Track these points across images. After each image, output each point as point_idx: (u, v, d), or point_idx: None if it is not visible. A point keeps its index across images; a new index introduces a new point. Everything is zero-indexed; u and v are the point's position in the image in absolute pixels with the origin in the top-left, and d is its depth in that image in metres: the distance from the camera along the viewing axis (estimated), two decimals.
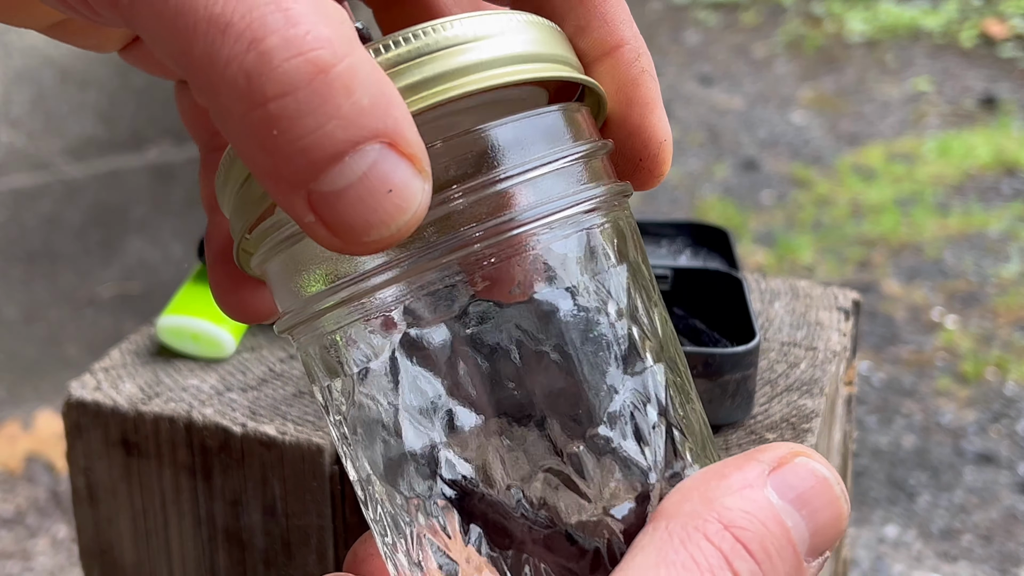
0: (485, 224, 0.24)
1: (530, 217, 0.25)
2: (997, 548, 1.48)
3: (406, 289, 0.25)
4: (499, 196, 0.24)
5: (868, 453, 1.68)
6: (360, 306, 0.25)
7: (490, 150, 0.25)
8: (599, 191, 0.26)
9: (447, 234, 0.24)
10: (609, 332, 0.26)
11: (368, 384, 0.26)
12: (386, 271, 0.24)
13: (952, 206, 2.44)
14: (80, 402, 0.48)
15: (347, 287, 0.25)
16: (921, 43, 3.45)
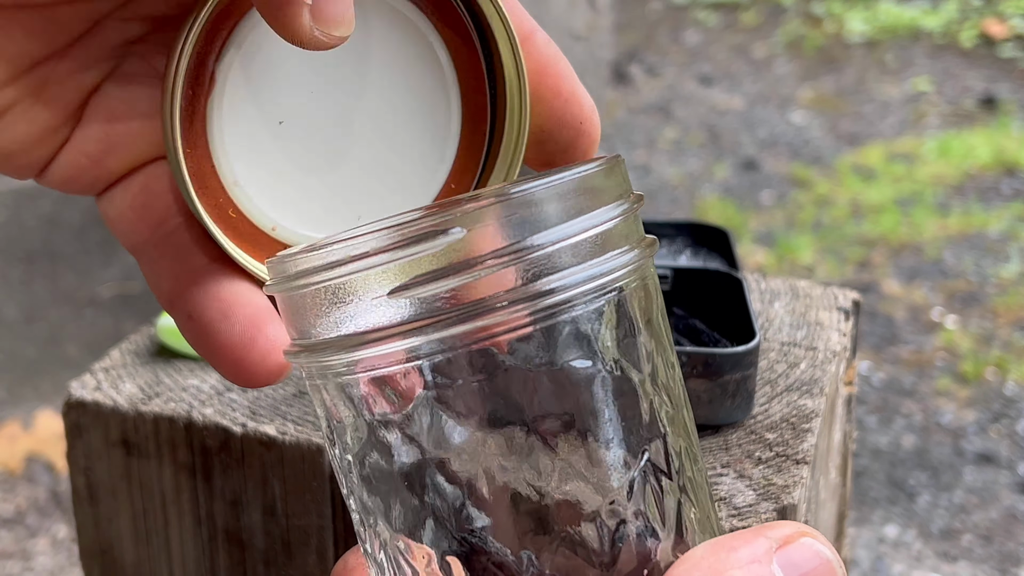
0: (517, 290, 0.24)
1: (564, 286, 0.25)
2: (997, 548, 1.48)
3: (437, 347, 0.25)
4: (534, 262, 0.25)
5: (868, 453, 1.68)
6: (385, 356, 0.25)
7: (525, 215, 0.25)
8: (632, 255, 0.26)
9: (480, 299, 0.24)
10: (629, 401, 0.26)
11: (388, 432, 0.26)
12: (417, 326, 0.25)
13: (952, 206, 2.44)
14: (80, 402, 0.48)
15: (375, 336, 0.25)
16: (921, 43, 3.45)
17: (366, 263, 0.25)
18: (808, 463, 0.43)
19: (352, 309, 0.25)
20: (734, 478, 0.42)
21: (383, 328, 0.25)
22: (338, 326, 0.26)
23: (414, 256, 0.24)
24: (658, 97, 3.13)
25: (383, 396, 0.26)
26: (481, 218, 0.24)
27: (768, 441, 0.44)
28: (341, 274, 0.25)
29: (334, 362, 0.26)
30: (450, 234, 0.24)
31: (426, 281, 0.24)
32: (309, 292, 0.26)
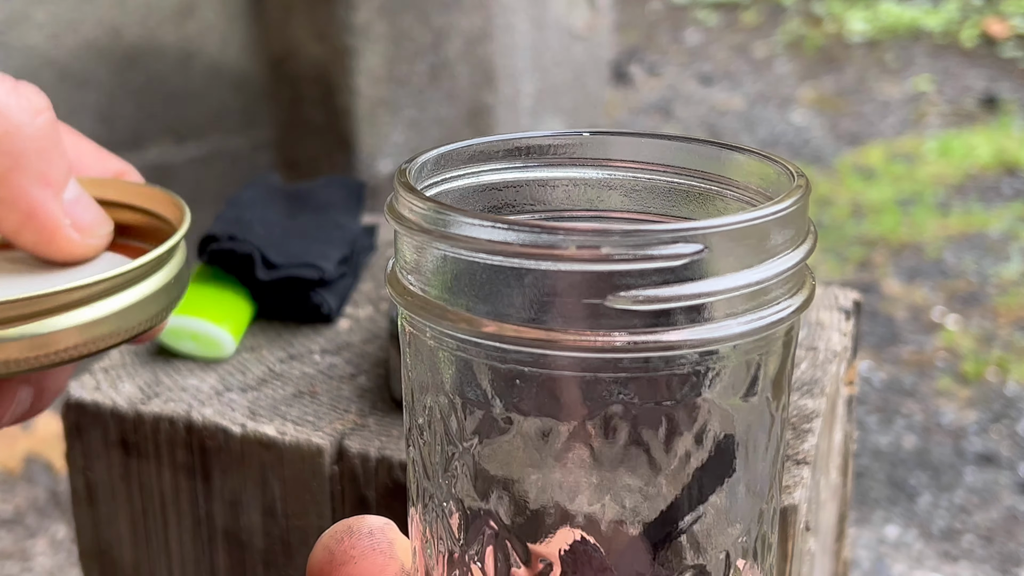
0: (674, 332, 0.23)
1: (729, 335, 0.24)
2: (998, 548, 1.48)
3: (638, 365, 0.24)
4: (702, 308, 0.23)
5: (869, 453, 1.68)
6: (581, 360, 0.24)
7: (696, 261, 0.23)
8: (792, 307, 0.25)
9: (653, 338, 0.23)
10: (762, 461, 0.26)
11: (518, 434, 0.25)
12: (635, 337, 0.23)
13: (953, 206, 2.44)
14: (79, 402, 0.47)
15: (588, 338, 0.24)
16: (922, 43, 3.45)
17: (593, 262, 0.23)
18: (809, 463, 0.43)
19: (547, 300, 0.23)
20: None
21: (599, 333, 0.23)
22: (524, 311, 0.23)
23: (647, 265, 0.23)
24: (658, 97, 3.13)
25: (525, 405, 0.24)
26: (722, 240, 0.23)
27: None
28: (554, 265, 0.23)
29: (504, 348, 0.24)
30: (692, 248, 0.23)
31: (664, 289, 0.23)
32: (507, 266, 0.23)
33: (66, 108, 1.71)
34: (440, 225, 0.24)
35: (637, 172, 0.30)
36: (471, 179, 0.29)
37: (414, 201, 0.25)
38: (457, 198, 0.29)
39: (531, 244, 0.23)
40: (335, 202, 0.59)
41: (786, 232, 0.25)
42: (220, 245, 0.52)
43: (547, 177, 0.30)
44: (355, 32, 1.68)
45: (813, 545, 0.47)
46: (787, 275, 0.24)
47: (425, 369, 0.26)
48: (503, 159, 0.30)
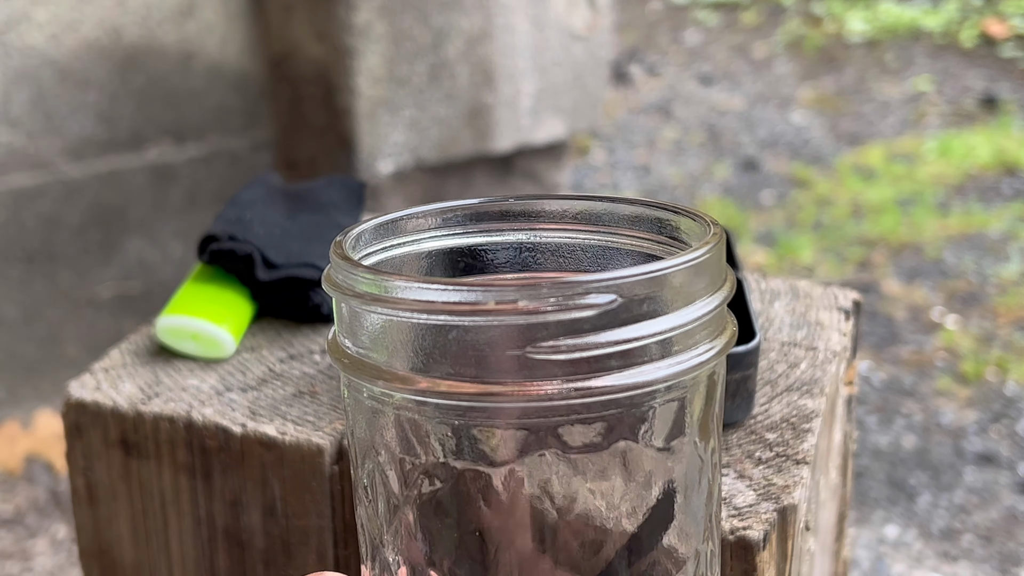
0: (601, 377, 0.24)
1: (654, 379, 0.25)
2: (997, 548, 1.48)
3: (562, 413, 0.25)
4: (624, 354, 0.25)
5: (868, 453, 1.68)
6: (508, 411, 0.25)
7: (625, 304, 0.24)
8: (713, 351, 0.26)
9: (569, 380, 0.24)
10: (696, 504, 0.27)
11: (457, 484, 0.26)
12: (554, 387, 0.24)
13: (952, 206, 2.44)
14: (80, 402, 0.47)
15: (511, 390, 0.25)
16: (921, 43, 3.45)
17: (511, 315, 0.24)
18: (808, 463, 0.43)
19: (475, 354, 0.24)
20: (734, 478, 0.42)
21: (522, 383, 0.24)
22: (454, 367, 0.24)
23: (563, 315, 0.24)
24: (658, 97, 3.13)
25: (473, 450, 0.25)
26: (634, 289, 0.24)
27: (768, 441, 0.44)
28: (476, 320, 0.24)
29: (438, 401, 0.25)
30: (606, 299, 0.24)
31: (580, 339, 0.24)
32: (421, 322, 0.25)
33: (66, 108, 1.71)
34: (372, 289, 0.25)
35: (563, 233, 0.31)
36: (405, 248, 0.31)
37: (347, 268, 0.26)
38: (391, 266, 0.30)
39: (455, 302, 0.24)
40: (335, 202, 0.59)
41: (701, 279, 0.26)
42: (220, 245, 0.52)
43: (478, 243, 0.31)
44: (355, 32, 1.68)
45: (813, 544, 0.47)
46: (704, 320, 0.25)
47: (365, 429, 0.27)
48: (434, 228, 0.31)
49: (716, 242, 0.26)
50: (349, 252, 0.28)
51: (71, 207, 1.72)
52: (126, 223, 1.79)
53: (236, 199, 0.58)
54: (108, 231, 1.78)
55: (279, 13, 1.82)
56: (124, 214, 1.79)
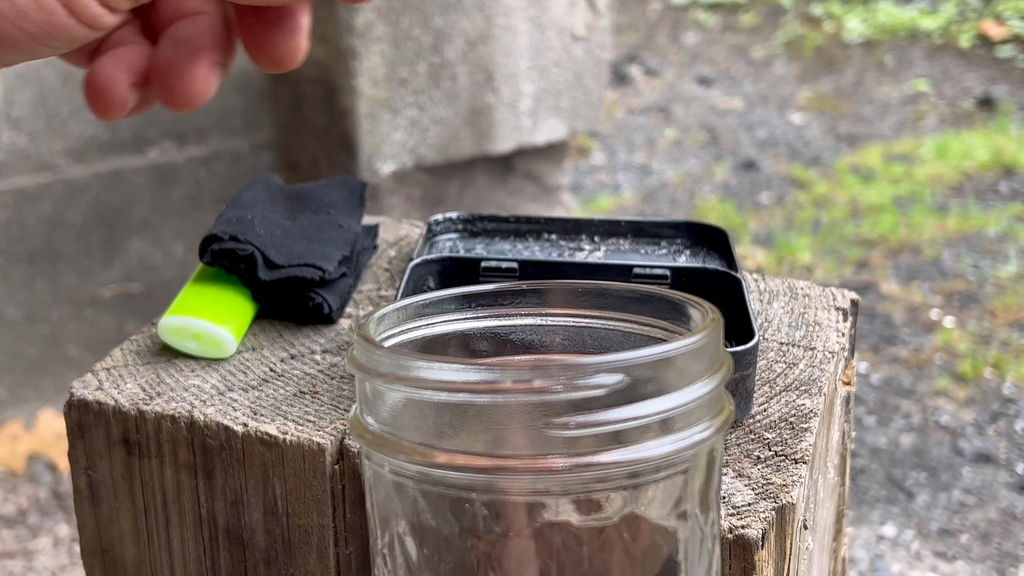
0: (603, 455, 0.26)
1: (657, 455, 0.27)
2: (995, 547, 1.48)
3: (568, 485, 0.26)
4: (629, 431, 0.26)
5: (866, 452, 1.68)
6: (519, 484, 0.26)
7: (632, 382, 0.26)
8: (712, 429, 0.28)
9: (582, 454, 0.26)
10: (695, 573, 0.28)
11: (473, 553, 0.27)
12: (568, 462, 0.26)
13: (950, 206, 2.45)
14: (82, 402, 0.48)
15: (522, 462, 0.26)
16: (920, 44, 3.45)
17: (527, 394, 0.26)
18: (807, 462, 0.43)
19: (490, 430, 0.26)
20: (733, 477, 0.42)
21: (533, 456, 0.26)
22: (470, 441, 0.26)
23: (574, 394, 0.26)
24: (658, 98, 3.13)
25: (485, 519, 0.27)
26: (641, 370, 0.26)
27: (767, 440, 0.45)
28: (493, 398, 0.26)
29: (455, 476, 0.26)
30: (614, 379, 0.26)
31: (594, 415, 0.26)
32: (441, 400, 0.26)
33: (68, 109, 1.71)
34: (394, 369, 0.27)
35: (572, 318, 0.33)
36: (425, 330, 0.33)
37: (370, 350, 0.28)
38: (413, 347, 0.32)
39: (473, 381, 0.26)
40: (336, 202, 0.59)
41: (701, 362, 0.28)
42: (222, 245, 0.53)
43: (495, 326, 0.34)
44: (356, 33, 1.68)
45: (811, 543, 0.47)
46: (705, 399, 0.27)
47: (385, 499, 0.29)
48: (452, 311, 0.34)
49: (714, 327, 0.28)
50: (372, 334, 0.30)
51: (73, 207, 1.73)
52: (128, 223, 1.80)
53: (237, 200, 0.58)
54: (110, 231, 1.78)
55: None
56: (126, 214, 1.79)
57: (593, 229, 0.59)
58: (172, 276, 1.84)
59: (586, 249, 0.58)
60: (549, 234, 0.60)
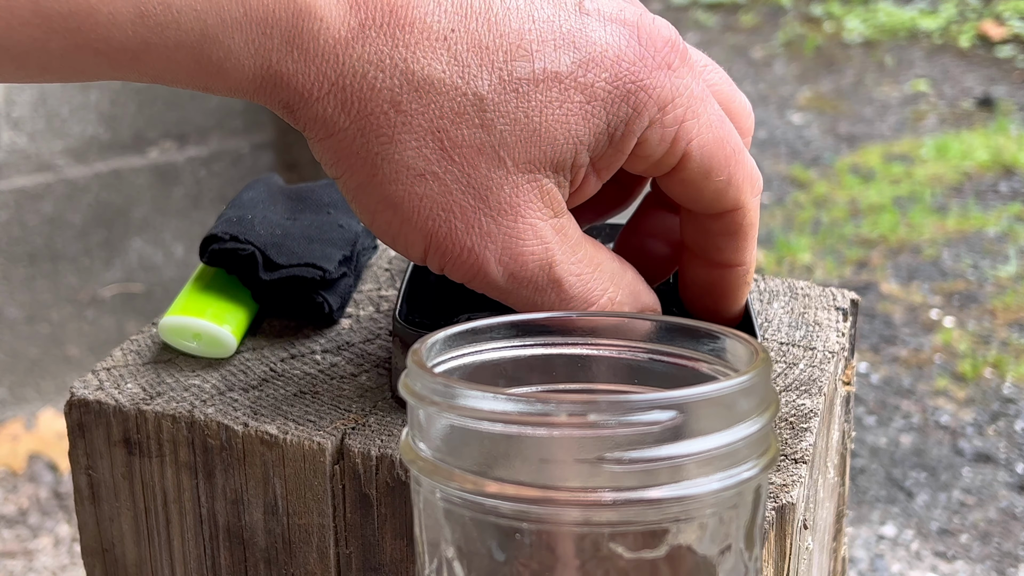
0: (654, 490, 0.27)
1: (705, 492, 0.27)
2: (995, 547, 1.48)
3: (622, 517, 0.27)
4: (678, 468, 0.27)
5: (866, 452, 1.69)
6: (568, 515, 0.27)
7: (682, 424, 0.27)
8: (759, 467, 0.28)
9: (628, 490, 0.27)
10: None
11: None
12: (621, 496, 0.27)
13: (950, 207, 2.45)
14: (83, 401, 0.48)
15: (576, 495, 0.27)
16: (919, 44, 3.45)
17: (581, 428, 0.26)
18: (806, 462, 0.43)
19: (542, 461, 0.27)
20: None
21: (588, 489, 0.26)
22: (521, 472, 0.27)
23: (628, 430, 0.26)
24: None
25: (536, 552, 0.27)
26: (694, 408, 0.27)
27: None
28: (548, 431, 0.26)
29: (505, 506, 0.27)
30: (667, 416, 0.26)
31: (645, 451, 0.26)
32: (495, 431, 0.27)
33: (68, 109, 1.71)
34: (448, 398, 0.28)
35: (619, 349, 0.34)
36: (476, 356, 0.34)
37: (425, 378, 0.29)
38: (462, 372, 0.33)
39: (528, 413, 0.26)
40: (337, 202, 0.59)
41: (751, 400, 0.28)
42: (222, 246, 0.53)
43: (543, 354, 0.35)
44: None
45: (811, 543, 0.48)
46: (754, 437, 0.28)
47: (434, 526, 0.29)
48: (504, 338, 0.34)
49: (764, 367, 0.29)
50: (425, 360, 0.30)
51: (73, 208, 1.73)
52: (128, 223, 1.80)
53: (238, 200, 0.58)
54: (110, 231, 1.78)
55: None
56: (126, 215, 1.79)
57: (594, 233, 0.60)
58: (172, 276, 1.85)
59: None
60: None
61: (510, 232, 0.36)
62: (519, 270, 0.37)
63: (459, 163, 0.36)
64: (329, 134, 0.36)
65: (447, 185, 0.36)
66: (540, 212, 0.37)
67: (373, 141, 0.35)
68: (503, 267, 0.37)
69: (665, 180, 0.40)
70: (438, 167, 0.35)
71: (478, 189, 0.36)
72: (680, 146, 0.39)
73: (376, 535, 0.44)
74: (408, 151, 0.35)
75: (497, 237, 0.36)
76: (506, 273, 0.37)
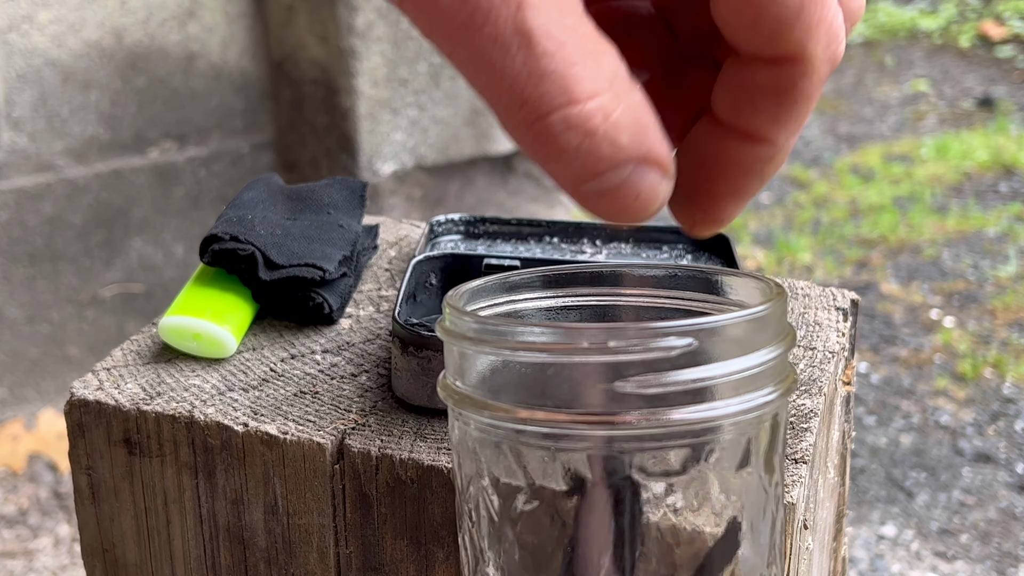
0: (679, 410, 0.28)
1: (723, 415, 0.29)
2: (995, 547, 1.48)
3: (636, 444, 0.28)
4: (698, 391, 0.28)
5: (866, 452, 1.69)
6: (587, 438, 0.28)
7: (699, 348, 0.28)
8: (777, 393, 0.30)
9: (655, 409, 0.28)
10: (761, 531, 0.30)
11: (552, 504, 0.29)
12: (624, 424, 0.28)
13: (950, 207, 2.45)
14: (83, 401, 0.48)
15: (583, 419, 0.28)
16: (919, 44, 3.45)
17: (602, 354, 0.28)
18: (807, 462, 0.43)
19: (568, 388, 0.28)
20: None
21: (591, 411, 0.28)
22: (550, 399, 0.28)
23: (646, 355, 0.28)
24: None
25: (565, 474, 0.29)
26: (709, 336, 0.28)
27: None
28: (571, 358, 0.28)
29: (535, 429, 0.29)
30: (684, 342, 0.28)
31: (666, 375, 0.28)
32: (523, 360, 0.29)
33: (69, 109, 1.71)
34: (480, 333, 0.30)
35: (646, 298, 0.36)
36: (506, 306, 0.36)
37: (458, 317, 0.31)
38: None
39: (552, 342, 0.28)
40: (337, 202, 0.59)
41: (766, 331, 0.30)
42: (222, 246, 0.53)
43: (569, 304, 0.36)
44: (356, 33, 1.68)
45: (811, 543, 0.48)
46: (769, 365, 0.29)
47: (470, 457, 0.31)
48: (531, 289, 0.36)
49: (778, 300, 0.31)
50: (459, 305, 0.32)
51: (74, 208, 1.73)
52: (128, 224, 1.80)
53: (238, 200, 0.58)
54: (111, 232, 1.78)
55: (280, 15, 1.82)
56: (126, 215, 1.79)
57: (595, 233, 0.60)
58: (173, 276, 1.85)
59: (588, 252, 0.58)
60: (551, 237, 0.60)
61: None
62: None
63: None
64: None
65: None
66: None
67: None
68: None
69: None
70: None
71: None
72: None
73: (376, 535, 0.44)
74: None
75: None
76: None
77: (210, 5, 1.81)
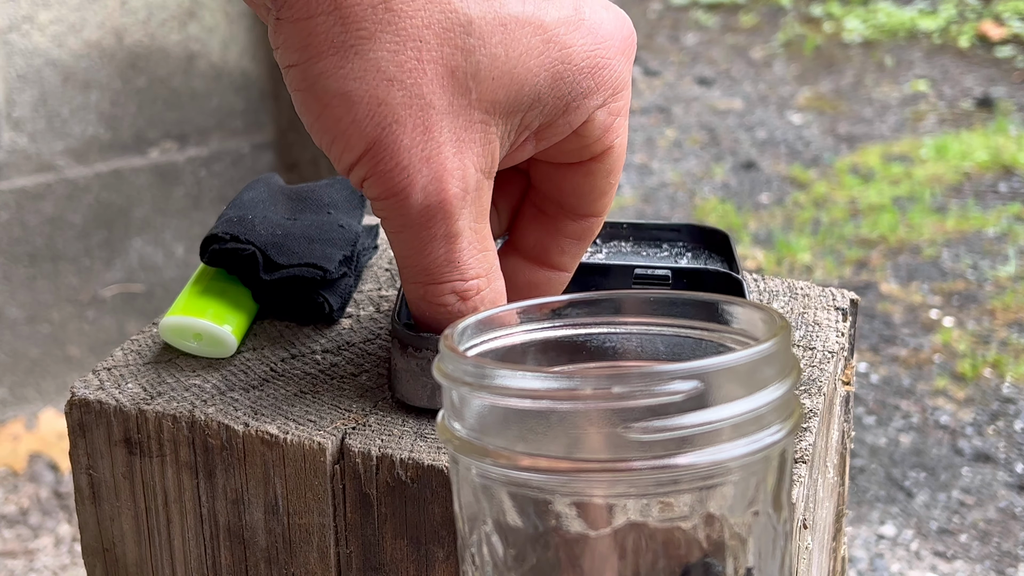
0: (678, 458, 0.27)
1: (731, 457, 0.28)
2: (994, 547, 1.48)
3: (628, 492, 0.28)
4: (704, 435, 0.28)
5: (866, 452, 1.69)
6: (598, 484, 0.28)
7: (707, 388, 0.28)
8: (783, 432, 0.29)
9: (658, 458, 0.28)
10: (770, 569, 0.30)
11: (556, 551, 0.29)
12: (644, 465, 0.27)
13: (949, 207, 2.45)
14: (83, 401, 0.48)
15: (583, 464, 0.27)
16: (919, 44, 3.45)
17: (606, 400, 0.27)
18: (806, 462, 0.43)
19: (571, 434, 0.28)
20: None
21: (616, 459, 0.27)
22: (553, 445, 0.28)
23: (651, 400, 0.27)
24: (657, 98, 3.13)
25: (567, 520, 0.28)
26: (715, 377, 0.28)
27: None
28: (575, 405, 0.27)
29: (538, 478, 0.28)
30: (689, 385, 0.27)
31: (669, 420, 0.27)
32: (525, 407, 0.28)
33: (69, 110, 1.71)
34: (479, 378, 0.29)
35: (645, 326, 0.35)
36: (505, 340, 0.35)
37: (456, 360, 0.30)
38: (494, 356, 0.34)
39: (555, 388, 0.28)
40: (337, 202, 0.59)
41: (772, 367, 0.29)
42: (223, 246, 0.53)
43: (570, 335, 0.36)
44: None
45: (810, 542, 0.48)
46: (776, 403, 0.29)
47: (473, 501, 0.31)
48: (530, 321, 0.36)
49: (784, 335, 0.30)
50: (457, 344, 0.32)
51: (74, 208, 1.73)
52: (129, 224, 1.80)
53: (238, 200, 0.58)
54: (111, 232, 1.78)
55: None
56: (127, 215, 1.79)
57: None
58: (173, 276, 1.85)
59: (587, 251, 0.58)
60: None
61: (446, 165, 0.35)
62: (435, 205, 0.36)
63: (429, 79, 0.34)
64: (308, 15, 0.34)
65: (409, 98, 0.34)
66: (477, 159, 0.36)
67: (352, 34, 0.34)
68: (424, 197, 0.36)
69: (570, 170, 0.40)
70: (408, 77, 0.34)
71: (436, 112, 0.35)
72: (611, 138, 0.39)
73: (376, 535, 0.44)
74: (384, 52, 0.34)
75: (433, 165, 0.35)
76: (422, 205, 0.36)
77: (210, 5, 1.82)
